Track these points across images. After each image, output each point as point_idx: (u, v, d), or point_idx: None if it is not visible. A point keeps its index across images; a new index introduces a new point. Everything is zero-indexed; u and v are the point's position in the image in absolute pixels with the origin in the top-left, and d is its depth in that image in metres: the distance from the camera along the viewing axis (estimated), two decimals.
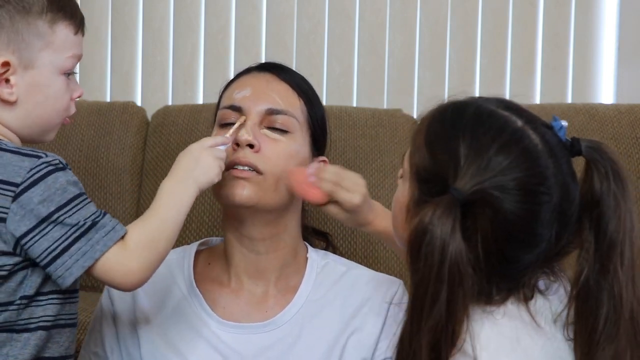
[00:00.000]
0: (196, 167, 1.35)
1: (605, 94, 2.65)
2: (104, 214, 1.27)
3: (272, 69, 1.54)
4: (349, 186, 1.44)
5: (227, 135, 1.43)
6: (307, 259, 1.55)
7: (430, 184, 1.13)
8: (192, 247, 1.56)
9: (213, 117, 1.56)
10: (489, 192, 1.08)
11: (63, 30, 1.31)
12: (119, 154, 2.19)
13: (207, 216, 2.11)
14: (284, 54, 2.60)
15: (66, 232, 1.22)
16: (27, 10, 1.28)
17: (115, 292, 1.52)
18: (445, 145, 1.13)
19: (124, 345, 1.50)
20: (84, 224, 1.23)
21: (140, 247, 1.26)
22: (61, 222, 1.22)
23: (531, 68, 2.65)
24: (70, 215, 1.23)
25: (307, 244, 1.58)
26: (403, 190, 1.19)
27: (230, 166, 1.44)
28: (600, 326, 1.12)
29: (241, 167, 1.44)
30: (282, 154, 1.46)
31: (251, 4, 2.64)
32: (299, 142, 1.49)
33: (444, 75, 2.65)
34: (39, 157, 1.25)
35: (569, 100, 2.64)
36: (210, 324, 1.47)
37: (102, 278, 1.26)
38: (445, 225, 1.06)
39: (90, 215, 1.24)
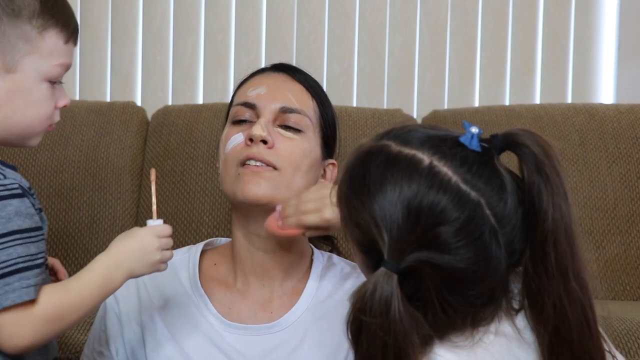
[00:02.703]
0: (140, 258, 1.28)
1: (605, 94, 2.65)
2: (37, 265, 1.20)
3: (287, 69, 1.55)
4: (311, 208, 1.38)
5: (153, 200, 1.35)
6: (312, 260, 1.55)
7: (369, 255, 1.05)
8: (197, 247, 1.56)
9: (218, 114, 1.55)
10: (420, 255, 1.00)
11: (52, 38, 1.26)
12: (119, 154, 2.19)
13: (207, 216, 2.11)
14: (284, 54, 2.60)
15: None
16: (16, 14, 1.24)
17: (120, 292, 1.51)
18: (364, 215, 1.03)
19: (129, 345, 1.49)
20: (12, 264, 1.18)
21: (45, 319, 1.20)
22: None
23: (531, 68, 2.65)
24: (2, 250, 1.18)
25: (312, 246, 1.58)
26: (355, 255, 1.11)
27: (243, 162, 1.44)
28: (550, 324, 1.05)
29: (254, 163, 1.44)
30: (296, 151, 1.46)
31: (251, 4, 2.64)
32: (311, 142, 1.49)
33: (444, 75, 2.65)
34: None
35: (569, 100, 2.64)
36: (215, 325, 1.47)
37: None
38: (384, 304, 0.98)
39: (22, 257, 1.19)
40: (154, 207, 1.35)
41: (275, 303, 1.49)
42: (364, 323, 1.00)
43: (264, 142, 1.44)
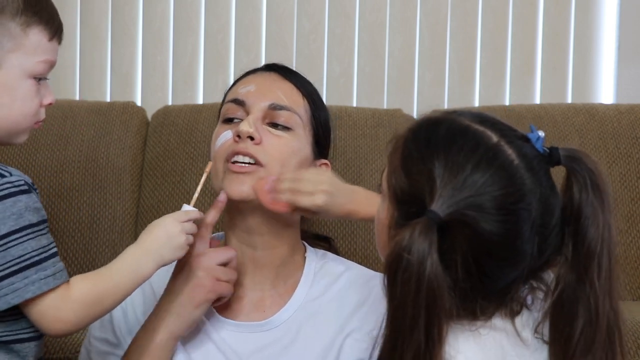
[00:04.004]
0: (167, 243, 1.33)
1: (605, 94, 2.65)
2: (51, 255, 1.25)
3: (278, 69, 1.56)
4: (308, 190, 1.42)
5: (197, 189, 1.41)
6: (305, 258, 1.55)
7: (408, 205, 1.10)
8: None
9: (217, 114, 1.56)
10: (466, 212, 1.06)
11: (36, 35, 1.28)
12: (119, 154, 2.19)
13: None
14: (284, 54, 2.60)
15: (6, 263, 1.21)
16: None
17: None
18: (421, 166, 1.10)
19: (131, 338, 1.49)
20: (28, 258, 1.22)
21: (83, 302, 1.25)
22: (5, 249, 1.21)
23: (531, 68, 2.65)
24: (17, 245, 1.22)
25: (305, 244, 1.58)
26: (383, 210, 1.16)
27: (230, 158, 1.45)
28: (576, 337, 1.10)
29: (241, 160, 1.44)
30: (284, 149, 1.46)
31: (251, 4, 2.64)
32: (301, 140, 1.49)
33: (444, 75, 2.65)
34: (2, 177, 1.23)
35: (569, 100, 2.64)
36: (210, 320, 1.47)
37: (32, 317, 1.25)
38: (422, 250, 1.03)
39: (37, 250, 1.23)
40: (196, 194, 1.41)
41: (267, 301, 1.50)
42: (402, 263, 1.04)
43: (252, 138, 1.44)
